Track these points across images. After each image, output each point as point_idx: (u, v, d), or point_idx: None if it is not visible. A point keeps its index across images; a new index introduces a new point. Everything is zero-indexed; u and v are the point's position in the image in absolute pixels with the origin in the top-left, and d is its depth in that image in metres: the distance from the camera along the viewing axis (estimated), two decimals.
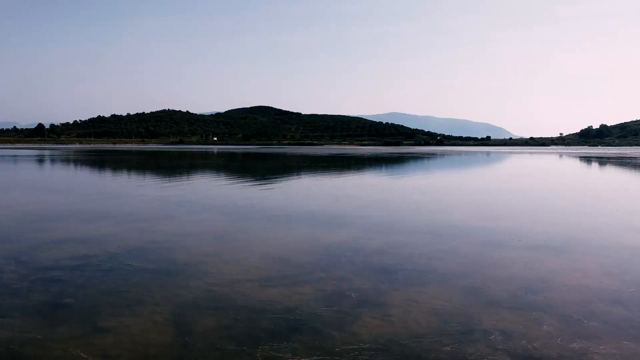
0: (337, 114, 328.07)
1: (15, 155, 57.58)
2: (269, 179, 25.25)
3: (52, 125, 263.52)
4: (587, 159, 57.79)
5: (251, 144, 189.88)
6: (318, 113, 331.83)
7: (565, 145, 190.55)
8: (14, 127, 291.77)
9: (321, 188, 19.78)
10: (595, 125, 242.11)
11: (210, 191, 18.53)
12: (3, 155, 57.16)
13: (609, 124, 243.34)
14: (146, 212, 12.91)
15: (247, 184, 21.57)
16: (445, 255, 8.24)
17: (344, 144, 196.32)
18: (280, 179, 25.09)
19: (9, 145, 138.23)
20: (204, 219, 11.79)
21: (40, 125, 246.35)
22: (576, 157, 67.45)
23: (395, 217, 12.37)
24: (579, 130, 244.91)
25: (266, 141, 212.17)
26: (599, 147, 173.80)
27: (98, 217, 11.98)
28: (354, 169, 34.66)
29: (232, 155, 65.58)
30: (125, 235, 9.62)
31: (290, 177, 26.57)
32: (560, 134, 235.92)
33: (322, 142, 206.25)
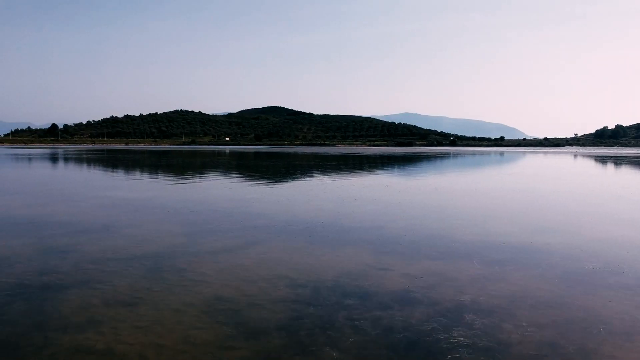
0: (349, 114, 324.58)
1: (8, 155, 55.36)
2: (269, 178, 22.02)
3: (65, 126, 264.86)
4: (608, 159, 53.55)
5: (263, 144, 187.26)
6: (330, 113, 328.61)
7: (580, 146, 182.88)
8: (29, 127, 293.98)
9: (326, 188, 16.49)
10: (611, 126, 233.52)
11: (191, 192, 15.33)
12: None
13: (624, 124, 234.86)
14: (87, 221, 9.72)
15: (242, 184, 18.36)
16: (516, 305, 4.87)
17: (356, 144, 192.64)
18: (282, 179, 21.86)
19: (22, 145, 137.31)
20: (155, 232, 8.56)
21: (54, 126, 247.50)
22: (596, 157, 63.06)
23: (418, 229, 9.01)
24: (594, 131, 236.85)
25: (278, 141, 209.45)
26: (615, 147, 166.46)
27: (18, 229, 8.83)
28: (366, 168, 31.27)
29: (240, 155, 62.58)
30: (19, 260, 6.40)
31: (294, 177, 23.30)
32: (575, 134, 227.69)
33: (334, 143, 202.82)
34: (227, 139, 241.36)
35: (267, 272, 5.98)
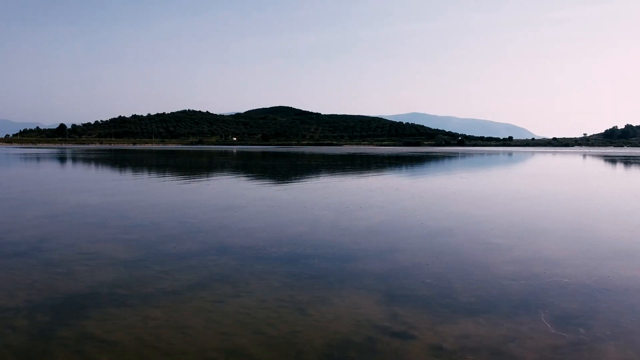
0: (356, 114, 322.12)
1: (5, 155, 53.77)
2: (267, 180, 19.84)
3: (73, 126, 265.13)
4: (623, 160, 50.75)
5: (270, 144, 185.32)
6: (337, 113, 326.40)
7: (590, 146, 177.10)
8: (37, 127, 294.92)
9: (328, 193, 14.27)
10: (620, 125, 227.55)
11: (169, 197, 13.13)
12: None
13: (634, 124, 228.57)
14: (9, 239, 7.54)
15: (234, 187, 16.19)
16: None
17: (364, 144, 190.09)
18: (281, 180, 19.65)
19: (30, 145, 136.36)
20: (87, 258, 6.33)
21: (62, 126, 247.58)
22: (610, 158, 60.19)
23: (443, 252, 6.75)
24: (603, 131, 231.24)
25: (285, 141, 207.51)
26: (625, 147, 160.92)
27: None
28: (373, 169, 28.97)
29: (245, 155, 60.54)
30: None
31: (294, 178, 21.07)
32: (584, 134, 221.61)
33: (342, 142, 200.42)
34: (235, 139, 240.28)
35: (216, 345, 3.75)
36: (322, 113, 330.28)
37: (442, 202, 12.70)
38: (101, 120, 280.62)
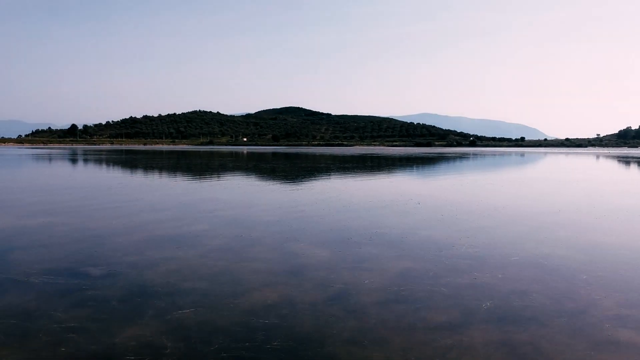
0: (367, 114, 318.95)
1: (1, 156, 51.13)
2: (256, 188, 16.36)
3: (85, 126, 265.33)
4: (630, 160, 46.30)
5: (280, 145, 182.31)
6: (348, 114, 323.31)
7: (603, 147, 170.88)
8: (49, 128, 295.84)
9: (327, 210, 10.74)
10: (634, 126, 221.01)
11: (114, 219, 9.70)
12: None
13: None
14: None
15: (209, 198, 12.73)
16: None
17: (374, 145, 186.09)
18: (275, 189, 16.10)
19: (40, 146, 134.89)
20: None
21: (74, 126, 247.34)
22: (627, 158, 55.70)
23: None
24: (617, 131, 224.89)
25: (295, 142, 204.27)
26: (639, 148, 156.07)
27: None
28: (385, 172, 25.26)
29: (250, 156, 57.28)
30: None
31: (291, 186, 17.47)
32: (597, 134, 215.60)
33: (352, 143, 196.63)
34: (245, 139, 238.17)
35: None
36: (333, 113, 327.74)
37: (489, 229, 9.03)
38: (112, 121, 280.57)
